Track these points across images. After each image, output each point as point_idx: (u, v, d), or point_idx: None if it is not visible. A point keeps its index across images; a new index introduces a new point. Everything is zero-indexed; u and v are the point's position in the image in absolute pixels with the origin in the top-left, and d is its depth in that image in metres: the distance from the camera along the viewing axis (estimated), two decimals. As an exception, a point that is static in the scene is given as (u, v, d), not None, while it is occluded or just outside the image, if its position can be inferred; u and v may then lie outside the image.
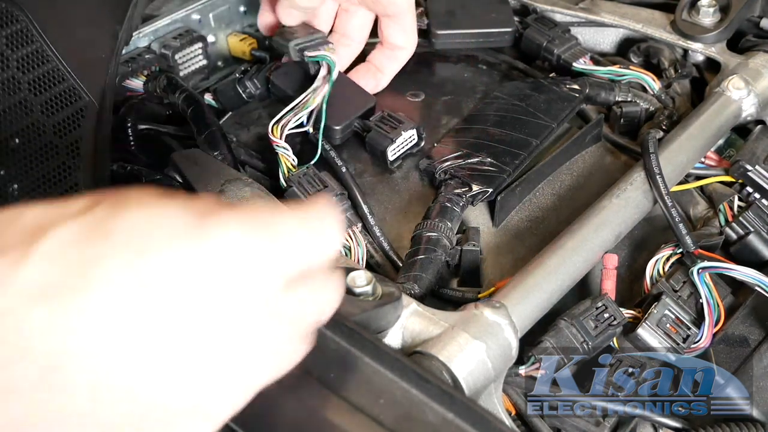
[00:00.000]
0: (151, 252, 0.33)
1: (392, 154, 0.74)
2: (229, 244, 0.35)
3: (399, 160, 0.75)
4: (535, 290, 0.60)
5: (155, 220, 0.34)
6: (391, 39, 0.81)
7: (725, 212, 0.72)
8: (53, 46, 0.66)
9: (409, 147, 0.75)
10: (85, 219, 0.34)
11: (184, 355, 0.34)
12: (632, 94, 0.81)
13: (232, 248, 0.35)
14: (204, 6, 0.87)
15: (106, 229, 0.34)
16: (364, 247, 0.67)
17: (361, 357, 0.48)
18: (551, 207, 0.75)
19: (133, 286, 0.33)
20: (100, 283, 0.32)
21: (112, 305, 0.32)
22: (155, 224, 0.34)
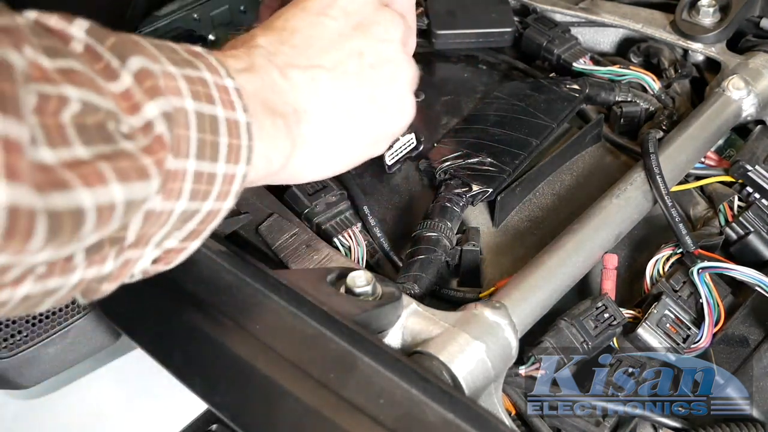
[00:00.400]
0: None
1: (390, 159, 0.74)
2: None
3: (398, 164, 0.75)
4: (535, 290, 0.60)
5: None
6: None
7: (725, 212, 0.72)
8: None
9: (407, 151, 0.75)
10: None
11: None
12: (632, 94, 0.81)
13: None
14: (204, 6, 0.87)
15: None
16: (364, 247, 0.67)
17: (361, 357, 0.48)
18: (551, 207, 0.75)
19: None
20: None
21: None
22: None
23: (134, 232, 0.39)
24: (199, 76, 0.43)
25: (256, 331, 0.50)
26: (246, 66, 0.50)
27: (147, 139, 0.38)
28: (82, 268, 0.37)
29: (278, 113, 0.50)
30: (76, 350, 0.62)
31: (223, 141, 0.43)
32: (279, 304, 0.51)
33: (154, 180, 0.38)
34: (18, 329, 0.59)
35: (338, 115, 0.54)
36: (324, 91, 0.53)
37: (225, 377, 0.50)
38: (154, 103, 0.39)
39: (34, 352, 0.60)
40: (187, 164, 0.41)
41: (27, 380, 0.61)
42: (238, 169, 0.45)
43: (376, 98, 0.56)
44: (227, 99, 0.44)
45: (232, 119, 0.44)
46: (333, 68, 0.54)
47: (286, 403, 0.46)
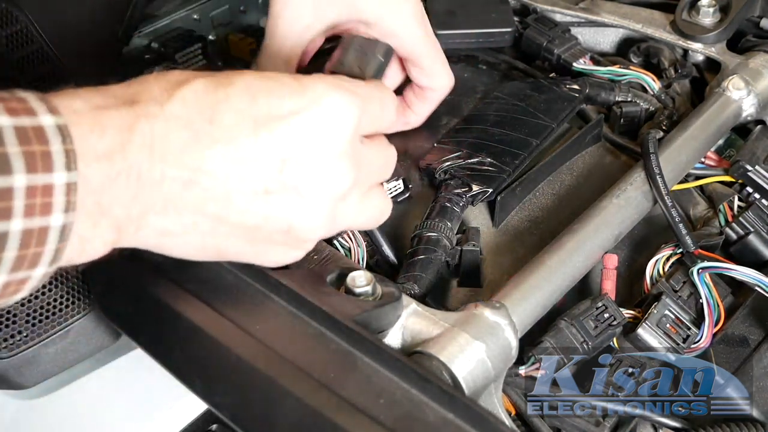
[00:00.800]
0: (262, 97, 0.45)
1: None
2: (322, 96, 0.47)
3: None
4: (535, 290, 0.60)
5: (264, 80, 0.46)
6: (416, 81, 0.74)
7: (725, 212, 0.72)
8: (53, 47, 0.66)
9: (392, 196, 0.72)
10: (213, 77, 0.46)
11: (287, 178, 0.46)
12: (632, 94, 0.81)
13: (325, 99, 0.47)
14: (204, 6, 0.87)
15: (228, 83, 0.45)
16: (364, 248, 0.67)
17: (361, 357, 0.48)
18: (551, 207, 0.75)
19: (249, 121, 0.45)
20: (224, 117, 0.44)
21: (233, 134, 0.44)
22: (265, 81, 0.46)
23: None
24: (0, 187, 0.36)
25: (256, 331, 0.49)
26: (112, 148, 0.40)
27: None
28: None
29: (111, 214, 0.42)
30: (76, 350, 0.62)
31: (9, 255, 0.37)
32: (279, 304, 0.51)
33: None
34: (18, 329, 0.59)
35: (197, 227, 0.46)
36: (193, 199, 0.45)
37: (225, 377, 0.50)
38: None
39: (34, 352, 0.60)
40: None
41: (27, 380, 0.61)
42: (34, 273, 0.39)
43: (254, 235, 0.48)
44: (41, 203, 0.37)
45: (36, 228, 0.37)
46: (220, 180, 0.45)
47: (286, 403, 0.46)
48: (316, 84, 0.47)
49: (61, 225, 0.39)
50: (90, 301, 0.62)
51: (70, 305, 0.61)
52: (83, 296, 0.62)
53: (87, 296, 0.62)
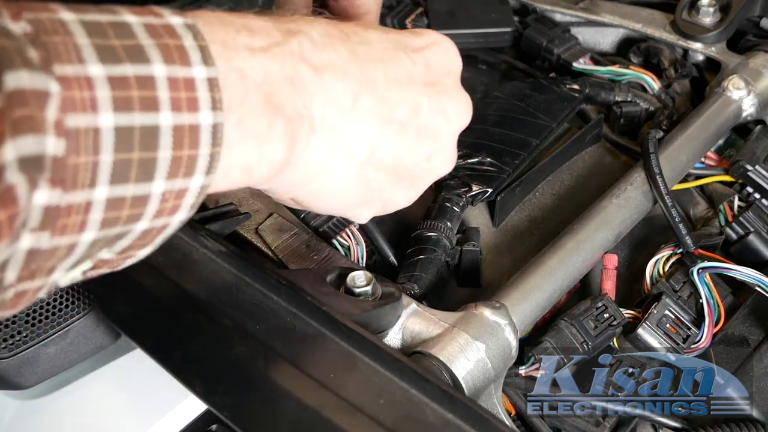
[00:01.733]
0: (391, 33, 0.48)
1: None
2: (439, 37, 0.50)
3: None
4: (535, 290, 0.60)
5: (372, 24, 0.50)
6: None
7: (725, 212, 0.72)
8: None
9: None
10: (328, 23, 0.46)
11: (434, 101, 0.48)
12: (632, 94, 0.81)
13: (442, 39, 0.50)
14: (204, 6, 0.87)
15: (346, 23, 0.46)
16: (363, 245, 0.67)
17: (361, 357, 0.48)
18: (551, 207, 0.75)
19: (395, 45, 0.47)
20: (374, 42, 0.46)
21: (389, 55, 0.46)
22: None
23: (14, 271, 0.32)
24: (139, 75, 0.33)
25: (256, 331, 0.50)
26: (269, 44, 0.40)
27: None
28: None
29: (283, 113, 0.40)
30: (76, 350, 0.62)
31: (164, 155, 0.35)
32: (279, 304, 0.51)
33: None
34: (18, 329, 0.59)
35: (356, 154, 0.45)
36: (359, 117, 0.44)
37: (225, 377, 0.50)
38: (14, 144, 0.29)
39: (34, 352, 0.60)
40: (92, 194, 0.33)
41: (27, 380, 0.61)
42: (191, 182, 0.36)
43: (401, 167, 0.48)
44: (186, 97, 0.35)
45: (186, 125, 0.35)
46: (381, 102, 0.45)
47: (286, 403, 0.46)
48: (428, 30, 0.52)
49: (212, 124, 0.36)
50: (90, 301, 0.62)
51: (70, 305, 0.61)
52: (83, 296, 0.62)
53: (87, 296, 0.62)
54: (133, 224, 0.36)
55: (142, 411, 0.65)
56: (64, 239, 0.33)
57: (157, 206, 0.36)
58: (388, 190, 0.49)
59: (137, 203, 0.35)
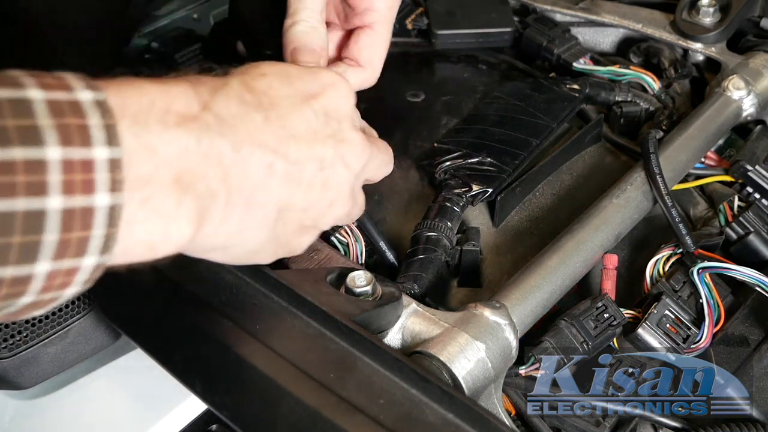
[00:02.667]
0: (294, 80, 0.49)
1: None
2: (333, 78, 0.51)
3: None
4: (535, 290, 0.60)
5: (280, 66, 0.50)
6: (354, 53, 0.66)
7: (725, 212, 0.72)
8: (53, 47, 0.66)
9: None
10: (239, 76, 0.46)
11: (336, 151, 0.49)
12: (632, 94, 0.81)
13: (336, 80, 0.51)
14: (204, 6, 0.87)
15: (259, 74, 0.47)
16: (362, 243, 0.67)
17: (361, 357, 0.48)
18: (551, 207, 0.75)
19: (298, 100, 0.48)
20: (280, 102, 0.47)
21: (294, 114, 0.47)
22: (282, 67, 0.49)
23: None
24: (28, 158, 0.33)
25: (255, 331, 0.50)
26: (185, 118, 0.40)
27: None
28: None
29: (194, 192, 0.40)
30: (76, 350, 0.62)
31: (50, 238, 0.34)
32: (279, 304, 0.51)
33: None
34: (18, 329, 0.59)
35: (269, 218, 0.46)
36: (271, 184, 0.45)
37: (225, 377, 0.50)
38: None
39: (34, 352, 0.60)
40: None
41: (27, 380, 0.61)
42: (83, 261, 0.36)
43: (308, 218, 0.50)
44: (81, 180, 0.34)
45: (77, 207, 0.34)
46: (292, 164, 0.46)
47: (286, 403, 0.46)
48: (323, 69, 0.53)
49: (108, 206, 0.36)
50: (90, 301, 0.62)
51: (70, 305, 0.61)
52: (83, 296, 0.62)
53: (87, 296, 0.62)
54: (14, 300, 0.36)
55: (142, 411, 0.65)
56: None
57: (42, 284, 0.36)
58: (294, 239, 0.51)
59: (17, 283, 0.35)
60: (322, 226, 0.52)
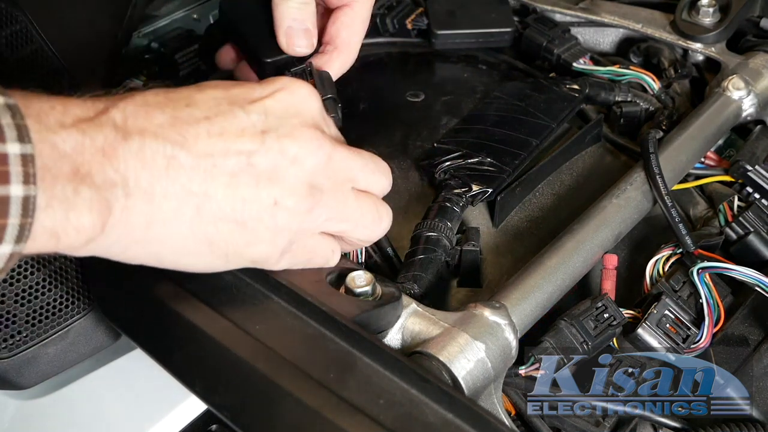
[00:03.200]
0: (233, 88, 0.50)
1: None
2: (287, 83, 0.51)
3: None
4: (535, 290, 0.60)
5: (230, 81, 0.51)
6: (333, 32, 0.67)
7: (725, 212, 0.72)
8: (53, 47, 0.66)
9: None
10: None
11: (270, 148, 0.48)
12: (632, 94, 0.81)
13: (290, 84, 0.51)
14: (204, 6, 0.87)
15: (197, 85, 0.49)
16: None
17: (361, 357, 0.48)
18: (551, 207, 0.75)
19: (225, 102, 0.48)
20: (201, 101, 0.48)
21: (212, 112, 0.47)
22: (231, 82, 0.51)
23: None
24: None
25: (255, 331, 0.50)
26: (79, 120, 0.42)
27: None
28: None
29: (92, 181, 0.42)
30: (76, 350, 0.62)
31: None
32: (279, 304, 0.51)
33: None
34: (18, 329, 0.59)
35: (184, 209, 0.46)
36: (177, 176, 0.45)
37: (225, 377, 0.50)
38: None
39: (34, 352, 0.60)
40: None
41: (27, 380, 0.61)
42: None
43: (242, 215, 0.47)
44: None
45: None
46: (202, 157, 0.45)
47: (286, 403, 0.46)
48: (279, 78, 0.52)
49: (22, 196, 0.38)
50: (90, 301, 0.62)
51: (70, 305, 0.61)
52: (83, 296, 0.62)
53: (87, 296, 0.62)
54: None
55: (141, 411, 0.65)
56: None
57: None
58: (241, 241, 0.49)
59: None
60: (279, 230, 0.49)
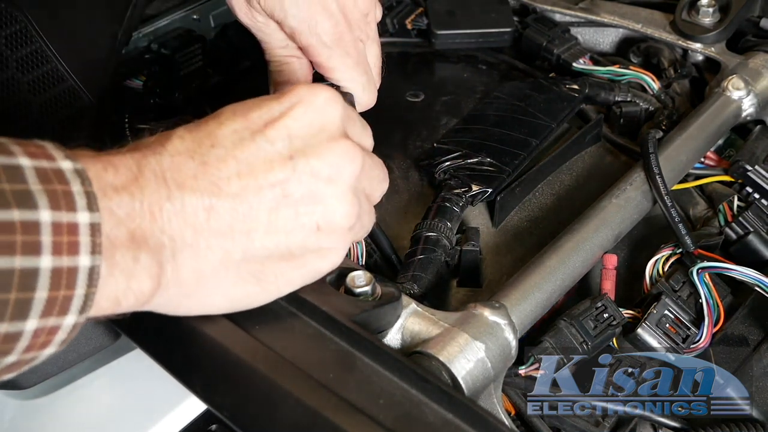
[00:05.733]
0: (251, 112, 0.48)
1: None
2: (304, 93, 0.48)
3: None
4: (535, 290, 0.60)
5: (246, 102, 0.49)
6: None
7: (725, 212, 0.72)
8: (53, 47, 0.66)
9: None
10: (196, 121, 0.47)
11: (302, 171, 0.46)
12: (632, 94, 0.81)
13: (307, 94, 0.48)
14: (204, 6, 0.87)
15: (214, 116, 0.47)
16: (363, 246, 0.67)
17: (360, 357, 0.48)
18: (551, 207, 0.75)
19: (247, 133, 0.47)
20: (224, 139, 0.46)
21: (237, 150, 0.46)
22: (246, 102, 0.49)
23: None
24: (25, 220, 0.35)
25: (255, 331, 0.49)
26: (127, 181, 0.42)
27: None
28: None
29: (147, 246, 0.42)
30: (76, 350, 0.62)
31: (40, 296, 0.36)
32: (279, 305, 0.51)
33: None
34: (18, 329, 0.59)
35: (231, 256, 0.45)
36: (218, 225, 0.44)
37: (225, 377, 0.50)
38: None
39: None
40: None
41: (27, 380, 0.61)
42: (64, 320, 0.38)
43: (287, 247, 0.47)
44: (68, 241, 0.37)
45: (65, 267, 0.37)
46: (238, 201, 0.45)
47: (286, 403, 0.46)
48: (295, 87, 0.49)
49: (89, 267, 0.38)
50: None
51: (70, 305, 0.61)
52: (83, 296, 0.61)
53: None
54: (2, 358, 0.37)
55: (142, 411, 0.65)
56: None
57: (27, 342, 0.37)
58: (290, 271, 0.48)
59: (9, 339, 0.37)
60: (328, 248, 0.49)
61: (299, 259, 0.48)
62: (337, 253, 0.50)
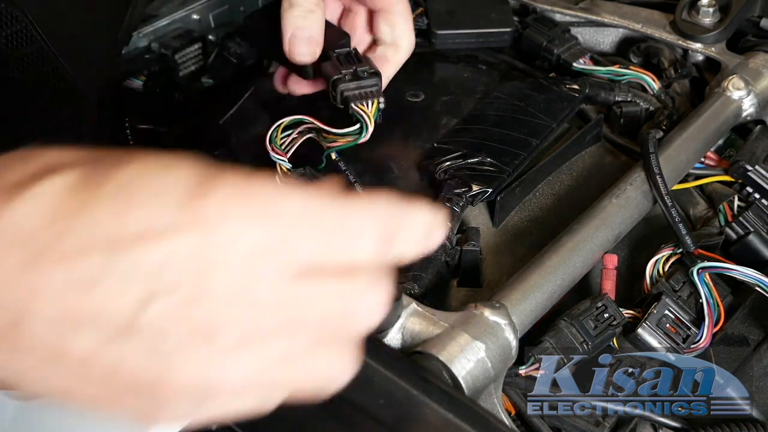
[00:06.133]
0: (133, 207, 0.31)
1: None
2: (216, 217, 0.31)
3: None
4: (535, 290, 0.60)
5: (149, 178, 0.32)
6: (383, 37, 0.73)
7: (725, 212, 0.72)
8: (53, 47, 0.66)
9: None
10: (93, 167, 0.32)
11: (153, 318, 0.31)
12: (632, 94, 0.81)
13: (217, 221, 0.31)
14: (204, 6, 0.87)
15: (100, 183, 0.31)
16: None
17: (361, 357, 0.48)
18: (551, 207, 0.75)
19: (103, 241, 0.30)
20: (75, 244, 0.30)
21: (82, 267, 0.30)
22: (147, 181, 0.32)
23: None
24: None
25: (256, 331, 0.49)
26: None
27: None
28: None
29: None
30: (76, 350, 0.62)
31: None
32: (279, 304, 0.51)
33: None
34: (18, 329, 0.59)
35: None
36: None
37: (225, 377, 0.49)
38: None
39: (34, 352, 0.60)
40: None
41: (27, 380, 0.61)
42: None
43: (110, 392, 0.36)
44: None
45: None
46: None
47: (286, 403, 0.46)
48: (212, 199, 0.31)
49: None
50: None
51: (70, 305, 0.61)
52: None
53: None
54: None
55: (142, 411, 0.65)
56: None
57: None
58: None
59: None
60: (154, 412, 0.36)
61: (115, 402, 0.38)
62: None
